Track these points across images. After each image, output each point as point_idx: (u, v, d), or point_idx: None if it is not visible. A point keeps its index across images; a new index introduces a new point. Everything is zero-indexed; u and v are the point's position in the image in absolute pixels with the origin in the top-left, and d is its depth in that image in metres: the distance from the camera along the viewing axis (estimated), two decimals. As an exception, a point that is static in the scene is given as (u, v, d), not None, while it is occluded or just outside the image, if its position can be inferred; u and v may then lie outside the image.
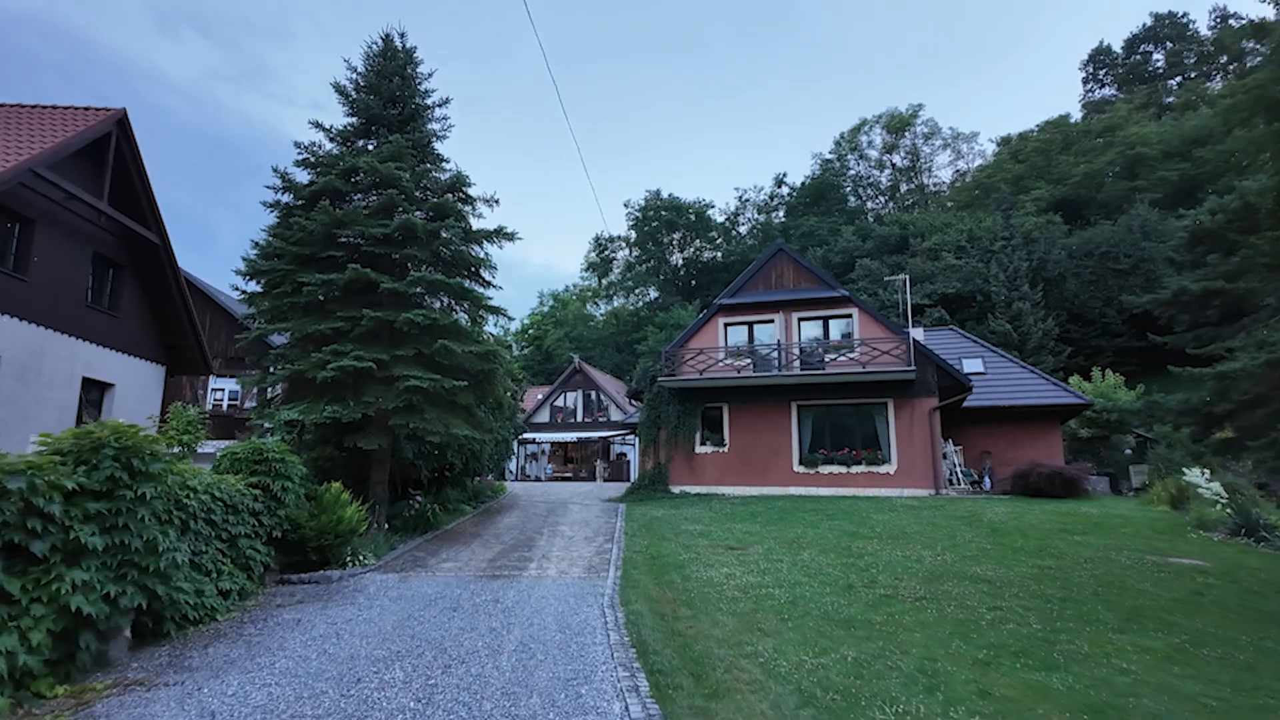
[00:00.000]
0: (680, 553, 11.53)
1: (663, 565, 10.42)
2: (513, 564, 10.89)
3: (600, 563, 11.00)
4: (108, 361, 15.40)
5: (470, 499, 19.37)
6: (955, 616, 7.63)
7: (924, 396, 20.17)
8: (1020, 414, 23.64)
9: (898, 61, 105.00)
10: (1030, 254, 40.54)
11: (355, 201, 12.24)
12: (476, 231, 13.35)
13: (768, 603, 8.03)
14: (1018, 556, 11.09)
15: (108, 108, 14.71)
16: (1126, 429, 28.88)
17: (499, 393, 13.72)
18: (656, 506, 18.63)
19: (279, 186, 12.54)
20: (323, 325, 11.55)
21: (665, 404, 22.41)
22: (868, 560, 10.83)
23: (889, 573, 9.91)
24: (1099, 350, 39.11)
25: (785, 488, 20.70)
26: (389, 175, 11.98)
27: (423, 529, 14.01)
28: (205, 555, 7.54)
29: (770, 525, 14.58)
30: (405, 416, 11.60)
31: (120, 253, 15.83)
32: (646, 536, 13.42)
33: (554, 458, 44.53)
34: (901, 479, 19.92)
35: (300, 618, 7.45)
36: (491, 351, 12.68)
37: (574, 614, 7.57)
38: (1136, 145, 45.93)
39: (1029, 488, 18.51)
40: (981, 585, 9.19)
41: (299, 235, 11.94)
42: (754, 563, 10.62)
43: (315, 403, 11.36)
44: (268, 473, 9.24)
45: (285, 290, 11.92)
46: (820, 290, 21.87)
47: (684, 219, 65.64)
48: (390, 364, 11.61)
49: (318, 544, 9.68)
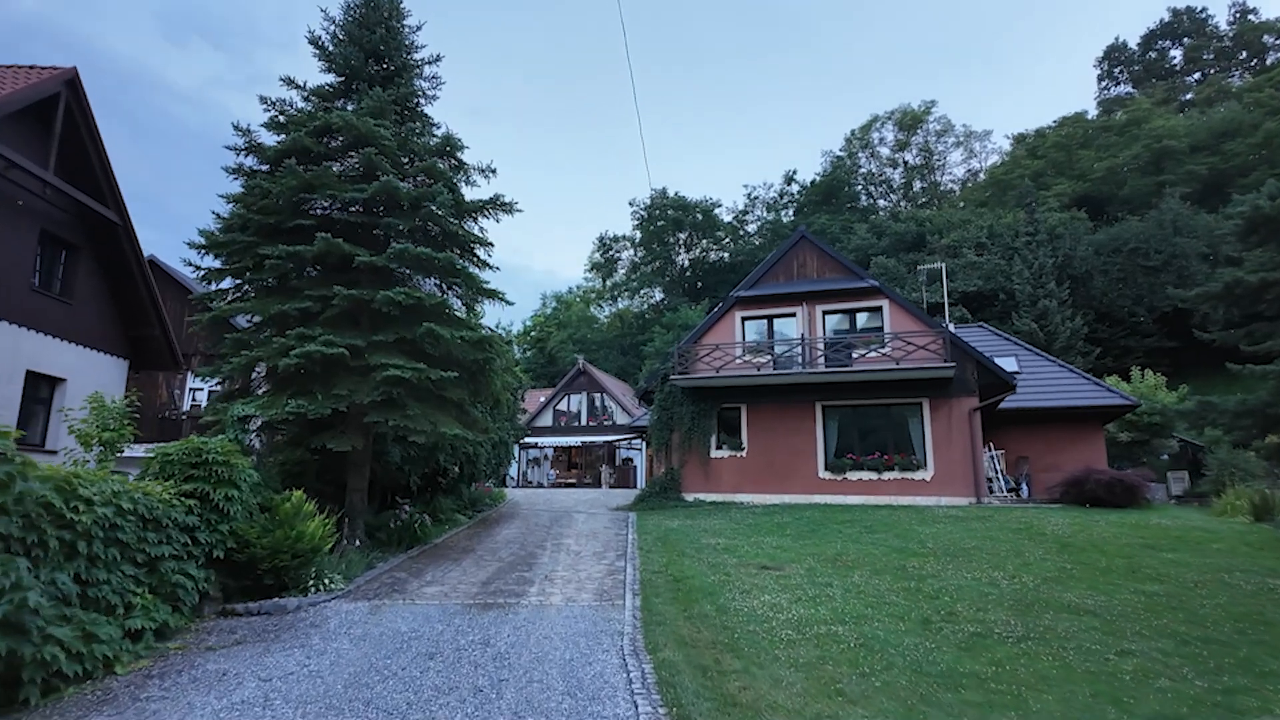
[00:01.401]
0: (707, 574, 9.76)
1: (690, 591, 8.65)
2: (510, 587, 9.14)
3: (613, 586, 9.24)
4: (59, 353, 13.70)
5: (466, 507, 17.61)
6: (1083, 667, 5.86)
7: (963, 396, 18.39)
8: (1059, 416, 21.81)
9: (908, 61, 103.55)
10: (1055, 250, 38.70)
11: (329, 166, 10.50)
12: (470, 203, 11.65)
13: (834, 647, 6.26)
14: (1110, 579, 9.31)
15: (55, 66, 13.04)
16: (1168, 433, 26.99)
17: (496, 388, 11.98)
18: (670, 516, 16.86)
19: (241, 147, 10.85)
20: (287, 306, 9.83)
21: (678, 404, 20.64)
22: (932, 584, 9.08)
23: (965, 601, 8.15)
24: (1128, 351, 37.23)
25: (810, 496, 18.91)
26: (368, 132, 10.28)
27: (408, 543, 12.25)
28: (105, 586, 5.79)
29: (803, 539, 12.81)
30: (384, 412, 9.86)
31: (74, 232, 14.15)
32: (664, 552, 11.67)
33: (557, 463, 42.74)
34: (938, 486, 18.11)
35: (227, 669, 5.69)
36: (487, 338, 10.94)
37: (586, 664, 5.81)
38: (1163, 138, 44.10)
39: (1084, 496, 16.69)
40: (1088, 619, 7.42)
41: (262, 202, 10.24)
42: (798, 587, 8.86)
43: (277, 396, 9.63)
44: (207, 478, 7.50)
45: (246, 266, 10.21)
46: (847, 280, 20.10)
47: (690, 218, 63.90)
48: (366, 351, 9.88)
49: (271, 565, 7.93)
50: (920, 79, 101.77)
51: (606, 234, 68.90)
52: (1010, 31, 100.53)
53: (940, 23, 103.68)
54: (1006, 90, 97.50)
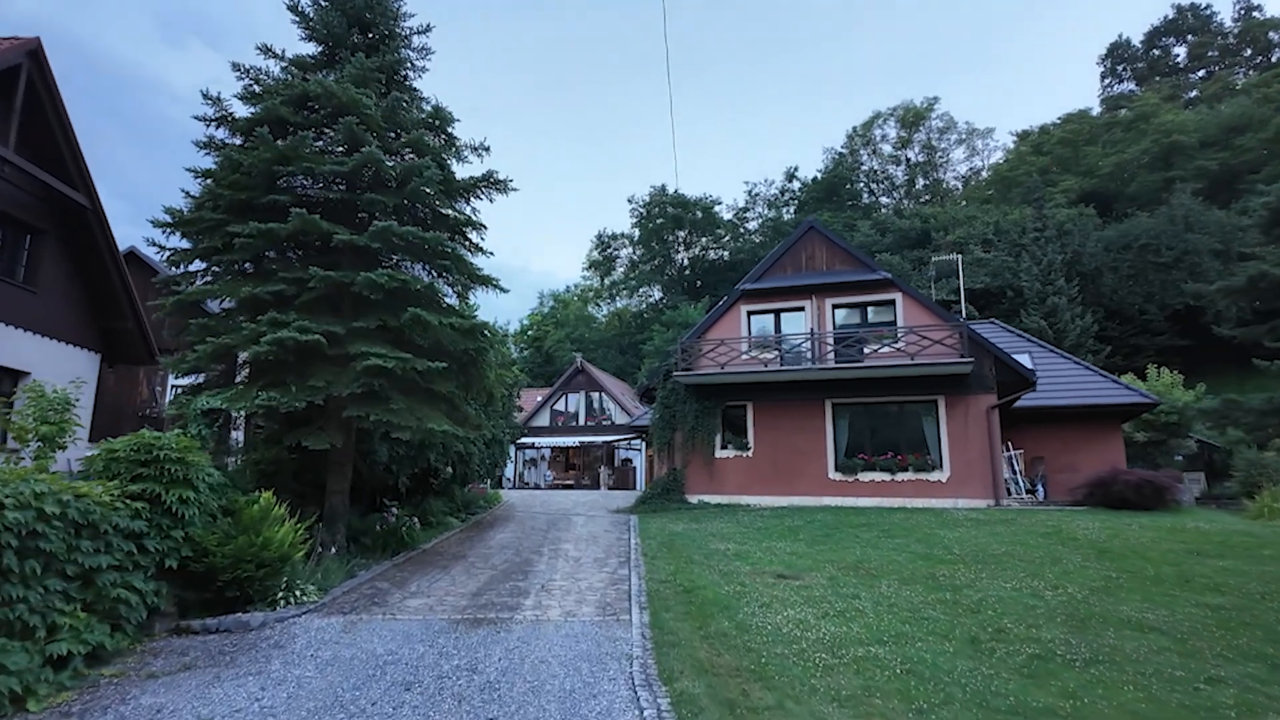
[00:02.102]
0: (720, 584, 8.88)
1: (703, 604, 7.77)
2: (503, 599, 8.25)
3: (617, 598, 8.36)
4: (21, 345, 12.79)
5: (459, 510, 16.71)
6: (1173, 699, 4.99)
7: (980, 393, 17.53)
8: (1075, 415, 20.92)
9: (908, 59, 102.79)
10: (1064, 246, 37.86)
11: (306, 136, 9.56)
12: (461, 181, 10.75)
13: (877, 673, 5.39)
14: (1164, 590, 8.46)
15: (16, 36, 12.14)
16: (1184, 433, 26.19)
17: (489, 381, 11.08)
18: (674, 519, 15.98)
19: (211, 118, 9.94)
20: (259, 289, 8.93)
21: (681, 402, 19.75)
22: (970, 595, 8.22)
23: (1012, 616, 7.29)
24: (1139, 349, 36.40)
25: (819, 498, 18.04)
26: (349, 100, 9.39)
27: (394, 549, 11.36)
28: (20, 606, 4.90)
29: (818, 545, 11.95)
30: (364, 406, 8.95)
31: (40, 216, 13.24)
32: (670, 559, 10.79)
33: (554, 464, 41.80)
34: (955, 488, 17.25)
35: (164, 705, 4.79)
36: (479, 326, 10.05)
37: (591, 697, 4.93)
38: (1173, 133, 43.30)
39: (1110, 497, 15.83)
40: (1155, 637, 6.56)
41: (233, 176, 9.35)
42: (823, 600, 7.99)
43: (248, 388, 8.74)
44: (158, 478, 6.60)
45: (215, 246, 9.31)
46: (858, 273, 19.23)
47: (690, 216, 62.95)
48: (346, 339, 8.99)
49: (233, 576, 7.04)
50: (921, 77, 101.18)
51: (605, 231, 68.01)
52: (1011, 29, 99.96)
53: (940, 21, 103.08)
54: (1007, 89, 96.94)
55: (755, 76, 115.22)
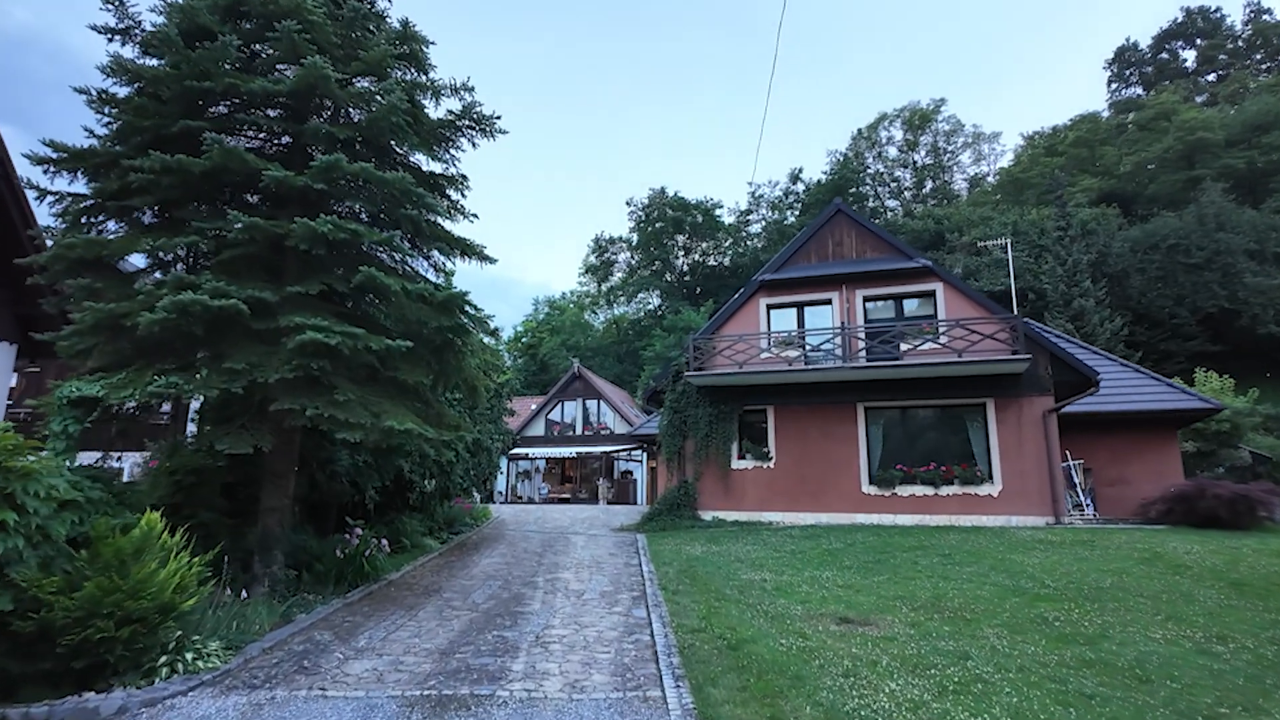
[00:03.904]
0: (773, 634, 6.66)
1: (762, 672, 5.54)
2: (482, 660, 6.00)
3: (638, 658, 6.12)
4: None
5: (439, 528, 14.43)
6: None
7: (1035, 395, 15.39)
8: (1125, 421, 18.72)
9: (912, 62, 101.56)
10: (1089, 246, 35.92)
11: (231, 41, 7.35)
12: (435, 122, 8.59)
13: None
14: (1374, 644, 6.29)
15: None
16: (1234, 442, 24.09)
17: (469, 370, 8.86)
18: (689, 540, 13.76)
19: (117, 28, 7.73)
20: (161, 241, 6.72)
21: (693, 406, 17.55)
22: (1117, 652, 6.06)
23: (1200, 689, 5.14)
24: (1169, 355, 34.39)
25: (851, 515, 15.83)
26: (289, 4, 7.23)
27: (352, 581, 9.09)
28: None
29: (872, 574, 9.75)
30: (299, 396, 6.71)
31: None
32: (697, 593, 8.57)
33: (549, 476, 39.43)
34: (1007, 503, 15.06)
35: None
36: (455, 299, 7.83)
37: None
38: (1197, 130, 41.52)
39: (1195, 514, 13.67)
40: None
41: (137, 101, 7.18)
42: (925, 662, 5.78)
43: (140, 371, 6.50)
44: (-43, 494, 4.38)
45: (110, 188, 7.11)
46: (892, 260, 17.11)
47: (690, 219, 60.94)
48: (279, 308, 6.78)
49: (81, 638, 4.78)
50: (925, 80, 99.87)
51: (602, 235, 65.99)
52: (1014, 36, 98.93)
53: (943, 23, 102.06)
54: (1013, 93, 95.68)
55: (755, 77, 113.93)
